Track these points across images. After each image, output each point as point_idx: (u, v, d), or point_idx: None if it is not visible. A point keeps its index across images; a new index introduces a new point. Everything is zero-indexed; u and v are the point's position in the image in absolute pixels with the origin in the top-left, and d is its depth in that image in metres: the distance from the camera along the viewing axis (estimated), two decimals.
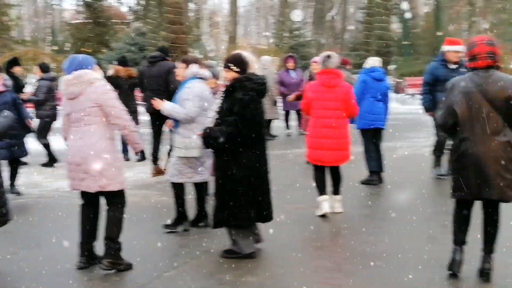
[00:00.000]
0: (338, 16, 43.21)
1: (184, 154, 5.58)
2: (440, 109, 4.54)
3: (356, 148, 7.81)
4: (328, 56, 6.37)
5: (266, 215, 5.13)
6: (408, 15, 35.86)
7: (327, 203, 6.35)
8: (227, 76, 5.03)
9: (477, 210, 4.54)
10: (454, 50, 7.95)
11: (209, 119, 5.15)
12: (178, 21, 23.24)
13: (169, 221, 5.89)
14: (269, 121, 12.42)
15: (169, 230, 5.83)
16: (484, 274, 4.42)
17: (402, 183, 8.00)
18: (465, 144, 4.32)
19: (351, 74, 10.39)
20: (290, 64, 13.10)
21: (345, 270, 4.73)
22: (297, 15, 26.21)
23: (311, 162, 6.51)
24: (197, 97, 5.62)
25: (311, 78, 10.17)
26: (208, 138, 4.91)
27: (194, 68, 5.78)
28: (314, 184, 6.44)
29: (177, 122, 5.73)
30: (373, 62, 8.10)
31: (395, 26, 38.96)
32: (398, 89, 22.23)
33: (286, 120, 13.45)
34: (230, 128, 4.80)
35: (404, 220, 6.10)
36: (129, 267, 4.76)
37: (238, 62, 5.00)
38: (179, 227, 5.85)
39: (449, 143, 7.64)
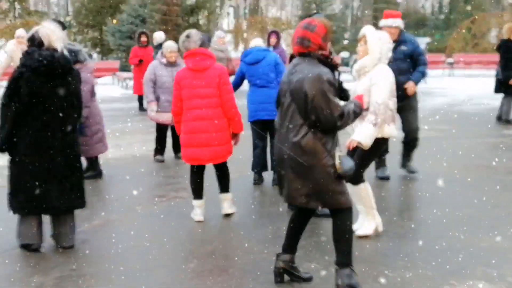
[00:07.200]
0: None
1: None
2: None
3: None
4: (187, 36, 5.40)
5: None
6: None
7: (200, 210, 5.55)
8: None
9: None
10: (387, 25, 6.68)
11: None
12: None
13: None
14: None
15: None
16: None
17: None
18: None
19: None
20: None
21: None
22: None
23: (185, 161, 5.59)
24: None
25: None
26: None
27: None
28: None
29: None
30: (254, 43, 6.81)
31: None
32: None
33: None
34: None
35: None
36: None
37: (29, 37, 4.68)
38: None
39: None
